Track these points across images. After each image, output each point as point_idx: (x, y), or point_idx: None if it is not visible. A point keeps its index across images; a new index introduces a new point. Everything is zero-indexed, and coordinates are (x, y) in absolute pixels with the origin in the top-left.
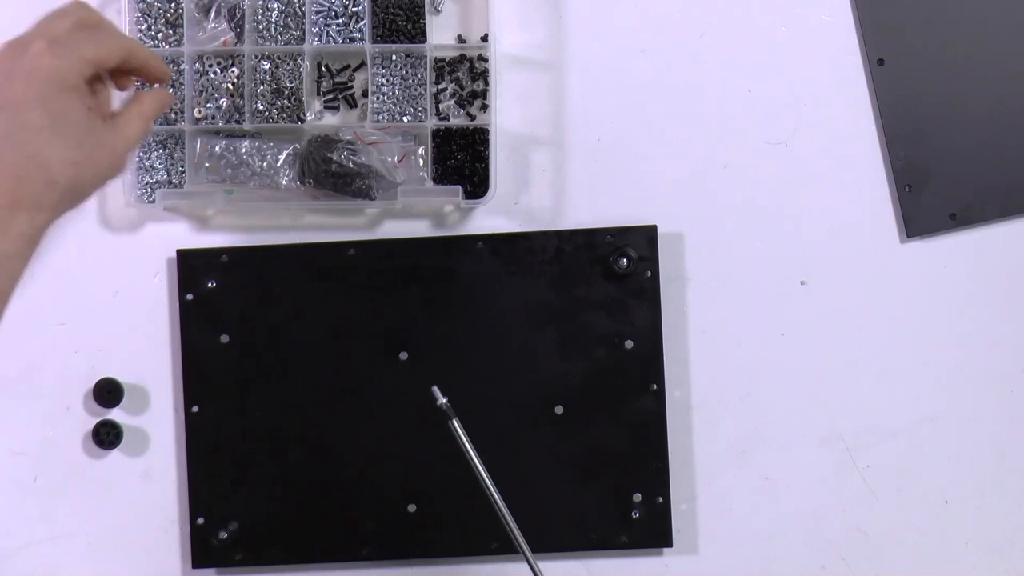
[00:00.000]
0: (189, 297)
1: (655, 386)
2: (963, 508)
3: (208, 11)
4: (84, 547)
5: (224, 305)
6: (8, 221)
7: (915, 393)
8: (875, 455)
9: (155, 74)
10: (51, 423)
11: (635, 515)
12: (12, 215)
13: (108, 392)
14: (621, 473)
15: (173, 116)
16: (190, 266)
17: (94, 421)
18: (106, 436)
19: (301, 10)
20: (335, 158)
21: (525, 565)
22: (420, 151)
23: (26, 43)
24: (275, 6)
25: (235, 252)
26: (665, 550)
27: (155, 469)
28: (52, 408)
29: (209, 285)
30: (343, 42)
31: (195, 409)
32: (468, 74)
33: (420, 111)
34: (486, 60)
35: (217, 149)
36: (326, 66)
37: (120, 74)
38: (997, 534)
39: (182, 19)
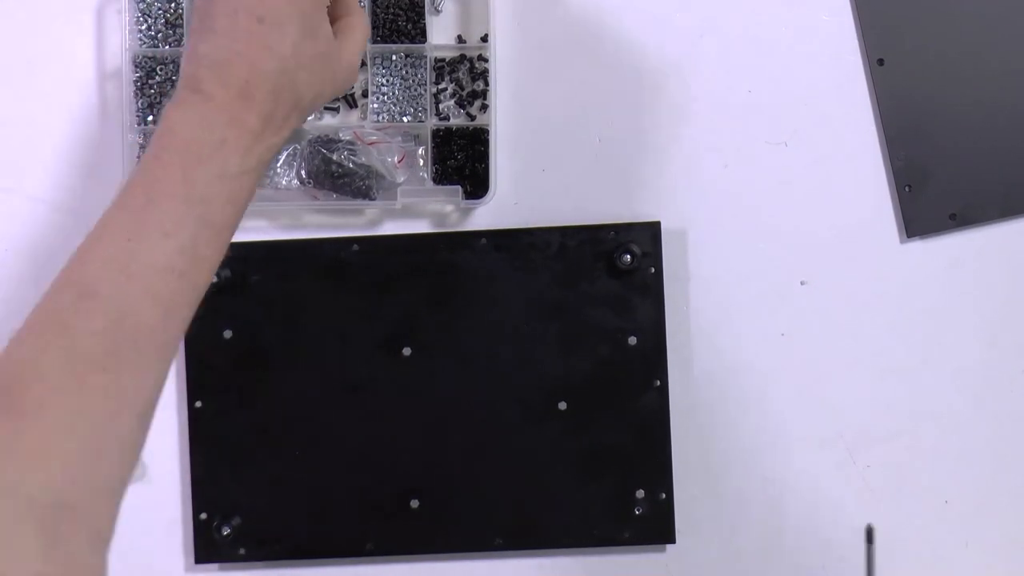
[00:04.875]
0: None
1: (658, 382)
2: (963, 508)
3: None
4: None
5: (227, 300)
6: (256, 140)
7: (915, 393)
8: (875, 455)
9: None
10: None
11: (638, 511)
12: (260, 134)
13: None
14: (624, 469)
15: None
16: None
17: None
18: None
19: None
20: (335, 158)
21: (526, 561)
22: (420, 151)
23: None
24: None
25: (238, 247)
26: (668, 546)
27: (157, 465)
28: None
29: (212, 280)
30: None
31: (198, 404)
32: (468, 74)
33: (420, 111)
34: (486, 60)
35: None
36: None
37: None
38: (997, 534)
39: (182, 19)
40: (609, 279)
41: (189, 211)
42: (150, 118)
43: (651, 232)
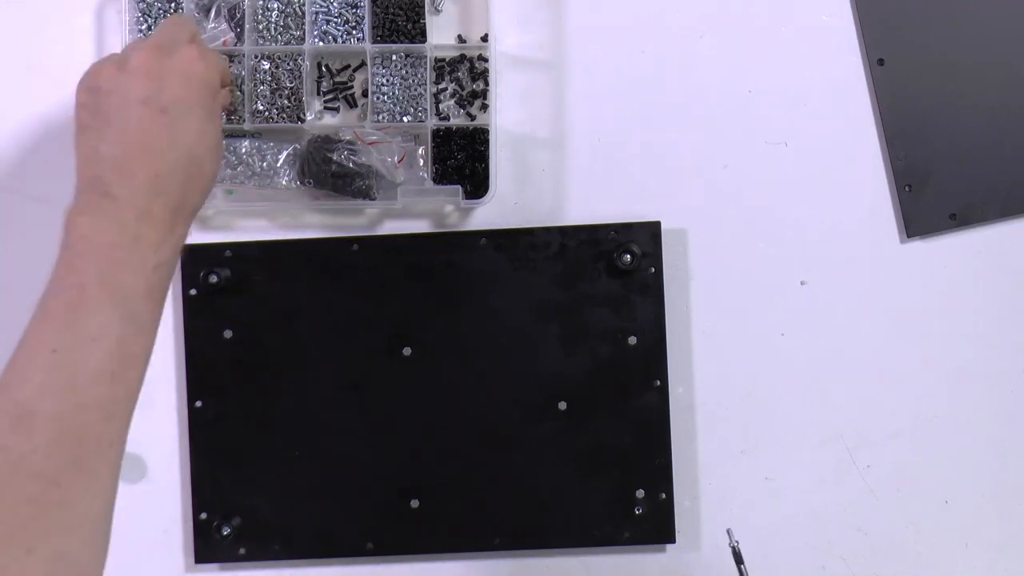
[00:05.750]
0: (192, 292)
1: (658, 382)
2: (963, 508)
3: (208, 11)
4: None
5: (228, 300)
6: (169, 232)
7: (915, 393)
8: (875, 455)
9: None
10: None
11: (638, 511)
12: (171, 227)
13: None
14: (624, 469)
15: None
16: (194, 261)
17: None
18: None
19: (301, 10)
20: (335, 158)
21: (526, 561)
22: (420, 151)
23: (167, 48)
24: (275, 6)
25: (239, 247)
26: (668, 546)
27: (157, 465)
28: None
29: (212, 280)
30: (343, 42)
31: (198, 404)
32: (468, 74)
33: (420, 111)
34: (486, 60)
35: None
36: (326, 66)
37: None
38: (997, 534)
39: None
40: (609, 279)
41: (112, 312)
42: None
43: (651, 232)
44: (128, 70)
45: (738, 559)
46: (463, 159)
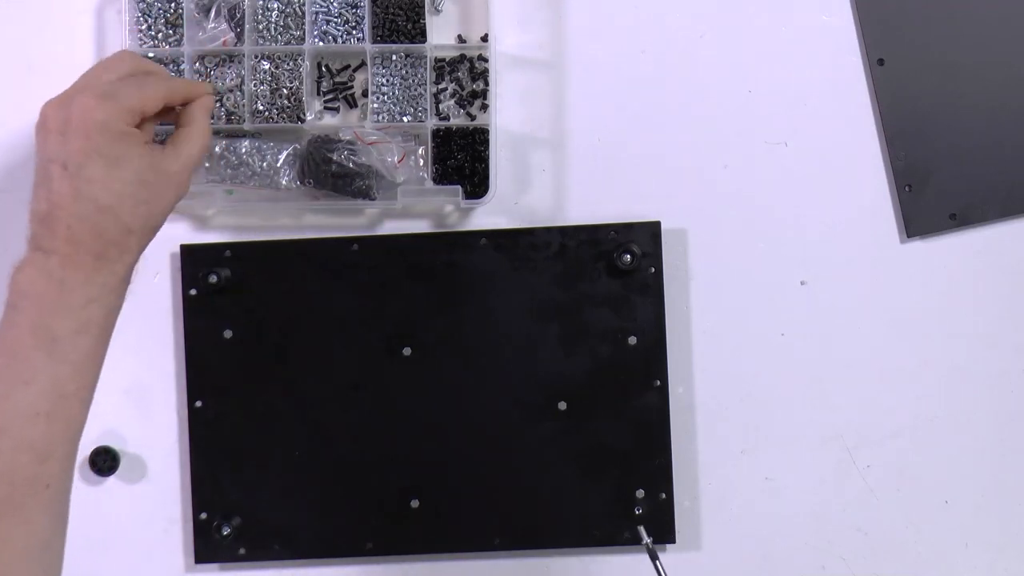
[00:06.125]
0: (192, 292)
1: (658, 382)
2: (963, 508)
3: (208, 11)
4: (84, 546)
5: (227, 300)
6: (95, 272)
7: (915, 393)
8: (875, 455)
9: (199, 96)
10: None
11: (638, 511)
12: (97, 267)
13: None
14: (624, 469)
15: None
16: (194, 261)
17: (92, 419)
18: (103, 463)
19: (301, 10)
20: (335, 158)
21: (526, 561)
22: (420, 151)
23: (68, 101)
24: (275, 6)
25: (239, 247)
26: (668, 546)
27: (157, 465)
28: None
29: (212, 280)
30: (343, 42)
31: (198, 404)
32: (468, 74)
33: (420, 111)
34: (486, 60)
35: (217, 149)
36: (326, 66)
37: (168, 111)
38: (997, 534)
39: (182, 19)
40: (609, 279)
41: (43, 356)
42: None
43: (651, 232)
44: (40, 127)
45: (653, 556)
46: (463, 159)
